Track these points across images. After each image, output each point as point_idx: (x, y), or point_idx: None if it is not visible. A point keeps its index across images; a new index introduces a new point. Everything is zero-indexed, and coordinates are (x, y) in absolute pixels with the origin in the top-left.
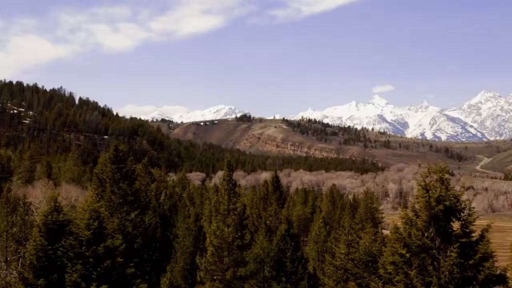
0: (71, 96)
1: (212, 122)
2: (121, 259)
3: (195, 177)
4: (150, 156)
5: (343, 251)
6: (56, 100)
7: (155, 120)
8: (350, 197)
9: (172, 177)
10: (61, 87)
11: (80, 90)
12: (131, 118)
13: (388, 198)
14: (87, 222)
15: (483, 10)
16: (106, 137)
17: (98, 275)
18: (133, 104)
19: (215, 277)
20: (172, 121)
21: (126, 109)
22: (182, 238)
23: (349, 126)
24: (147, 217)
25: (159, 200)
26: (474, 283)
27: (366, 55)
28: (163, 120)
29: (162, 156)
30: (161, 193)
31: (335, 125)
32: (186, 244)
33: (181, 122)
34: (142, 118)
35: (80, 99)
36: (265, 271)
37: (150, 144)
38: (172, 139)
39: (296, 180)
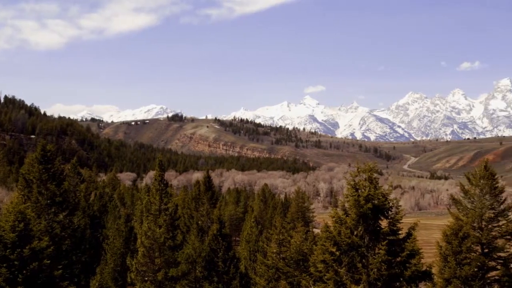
0: None
1: (143, 121)
2: (48, 262)
3: (126, 177)
4: (79, 156)
5: (274, 250)
6: None
7: (84, 120)
8: (282, 196)
9: (102, 177)
10: None
11: (5, 88)
12: (60, 117)
13: (319, 197)
14: (12, 224)
15: (411, 13)
16: (33, 136)
17: (24, 279)
18: (61, 103)
19: (146, 278)
20: (102, 120)
21: (54, 108)
22: (112, 239)
23: (280, 126)
24: (76, 218)
25: (88, 201)
26: (401, 279)
27: (298, 55)
28: (93, 120)
29: (92, 156)
30: (91, 194)
31: (267, 125)
32: (116, 245)
33: (112, 122)
34: (71, 118)
35: (6, 97)
36: (197, 271)
37: (80, 144)
38: (102, 138)
39: (228, 180)
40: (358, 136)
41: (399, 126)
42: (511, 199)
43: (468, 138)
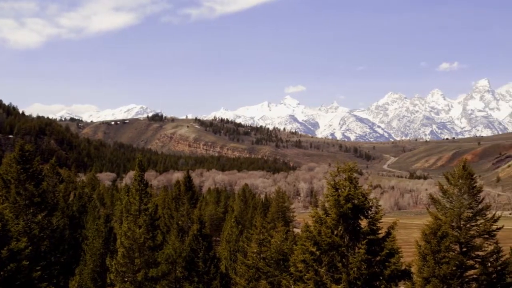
0: None
1: (123, 121)
2: (27, 263)
3: (106, 177)
4: (58, 156)
5: (255, 250)
6: None
7: (63, 119)
8: (262, 196)
9: (82, 177)
10: None
11: None
12: (38, 117)
13: (299, 197)
14: None
15: (391, 13)
16: (11, 136)
17: (1, 280)
18: (40, 103)
19: (126, 279)
20: (81, 120)
21: (32, 108)
22: (92, 240)
23: (261, 126)
24: (55, 219)
25: (67, 201)
26: (381, 278)
27: (279, 55)
28: (72, 119)
29: (71, 156)
30: (70, 194)
31: (247, 125)
32: (96, 245)
33: (91, 122)
34: (50, 117)
35: None
36: (177, 271)
37: (59, 143)
38: (81, 138)
39: (209, 180)
40: (338, 136)
41: (378, 126)
42: (489, 198)
43: (447, 138)
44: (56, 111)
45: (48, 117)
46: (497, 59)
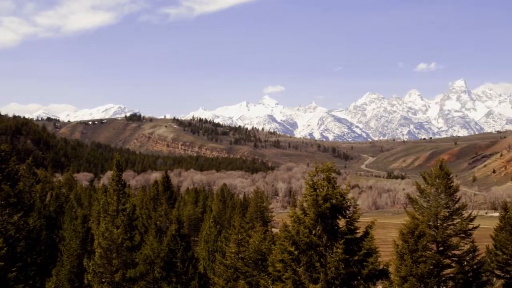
0: None
1: (100, 121)
2: (2, 264)
3: (83, 177)
4: (35, 156)
5: (233, 250)
6: None
7: (40, 119)
8: (241, 196)
9: (59, 177)
10: None
11: None
12: (15, 117)
13: (277, 197)
14: None
15: (369, 13)
16: None
17: None
18: (16, 102)
19: (104, 280)
20: (58, 120)
21: (9, 107)
22: (69, 240)
23: (239, 126)
24: (31, 220)
25: (44, 201)
26: (359, 277)
27: (258, 55)
28: (49, 119)
29: (47, 156)
30: (47, 194)
31: (226, 125)
32: (73, 246)
33: (68, 121)
34: (27, 117)
35: None
36: (155, 272)
37: (35, 143)
38: (58, 138)
39: (187, 179)
40: (317, 136)
41: (357, 126)
42: (465, 198)
43: (424, 138)
44: (32, 111)
45: (24, 117)
46: (474, 60)
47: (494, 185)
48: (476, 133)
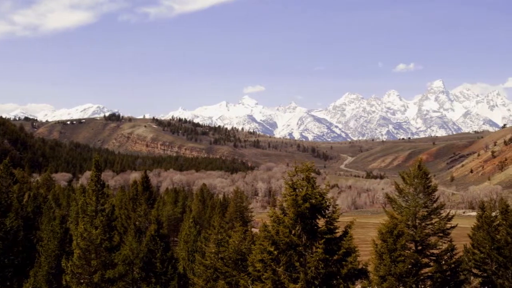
0: None
1: (79, 121)
2: None
3: (61, 177)
4: (12, 156)
5: (213, 250)
6: None
7: (17, 119)
8: (220, 196)
9: (36, 177)
10: None
11: None
12: None
13: (257, 197)
14: None
15: (349, 13)
16: None
17: None
18: None
19: (82, 281)
20: (36, 119)
21: None
22: (47, 241)
23: (219, 126)
24: (8, 220)
25: (22, 202)
26: (338, 277)
27: (238, 55)
28: (26, 119)
29: (25, 156)
30: (24, 195)
31: (205, 124)
32: (51, 247)
33: (46, 121)
34: (3, 117)
35: None
36: (134, 272)
37: (12, 143)
38: (36, 138)
39: (167, 180)
40: (296, 136)
41: (336, 126)
42: (443, 197)
43: (403, 138)
44: (10, 110)
45: (1, 116)
46: (452, 60)
47: (472, 185)
48: (454, 133)
